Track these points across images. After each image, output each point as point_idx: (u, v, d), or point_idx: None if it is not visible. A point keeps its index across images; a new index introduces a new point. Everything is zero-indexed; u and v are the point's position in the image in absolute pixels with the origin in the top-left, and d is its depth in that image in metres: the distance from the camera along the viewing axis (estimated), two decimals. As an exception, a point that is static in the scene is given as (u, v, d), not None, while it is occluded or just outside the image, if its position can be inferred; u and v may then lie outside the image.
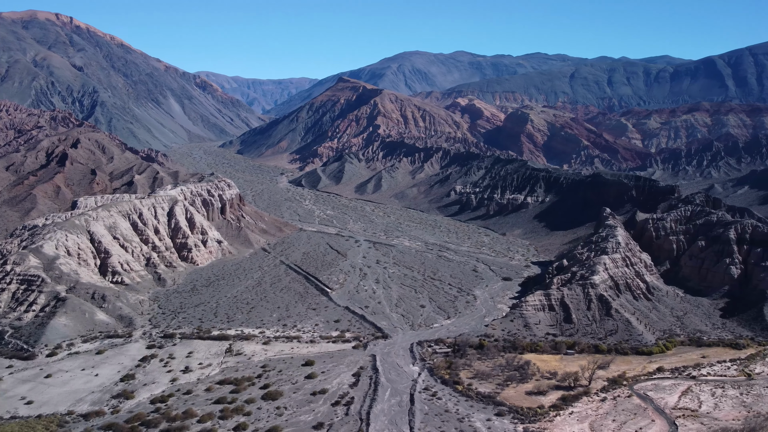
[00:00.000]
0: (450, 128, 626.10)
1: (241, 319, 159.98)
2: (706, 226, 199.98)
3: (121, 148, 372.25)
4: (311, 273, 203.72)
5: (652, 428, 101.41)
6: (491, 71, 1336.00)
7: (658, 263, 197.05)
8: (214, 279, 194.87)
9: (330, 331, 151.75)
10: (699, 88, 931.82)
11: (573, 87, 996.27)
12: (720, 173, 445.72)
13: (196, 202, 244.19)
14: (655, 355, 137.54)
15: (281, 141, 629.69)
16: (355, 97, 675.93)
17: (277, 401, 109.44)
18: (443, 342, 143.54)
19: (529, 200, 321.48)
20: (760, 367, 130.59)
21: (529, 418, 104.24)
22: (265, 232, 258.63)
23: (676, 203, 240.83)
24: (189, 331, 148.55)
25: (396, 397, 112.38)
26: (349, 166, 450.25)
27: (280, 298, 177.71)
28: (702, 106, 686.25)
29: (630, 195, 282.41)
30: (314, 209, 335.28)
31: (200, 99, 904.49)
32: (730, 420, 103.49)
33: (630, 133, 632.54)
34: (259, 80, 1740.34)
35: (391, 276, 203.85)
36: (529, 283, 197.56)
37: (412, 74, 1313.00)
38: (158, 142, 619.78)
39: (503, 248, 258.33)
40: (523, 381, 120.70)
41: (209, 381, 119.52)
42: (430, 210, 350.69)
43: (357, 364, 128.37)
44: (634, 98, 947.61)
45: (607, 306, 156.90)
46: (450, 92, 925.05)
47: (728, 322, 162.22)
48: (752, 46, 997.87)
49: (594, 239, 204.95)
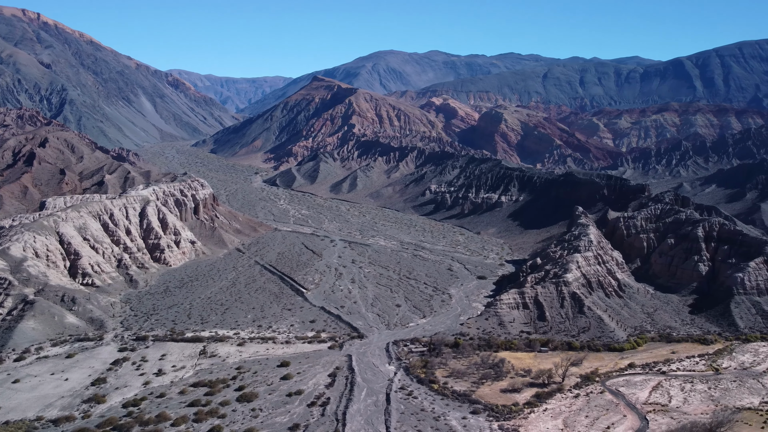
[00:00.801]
0: (425, 127, 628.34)
1: (215, 320, 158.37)
2: (675, 225, 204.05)
3: (91, 147, 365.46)
4: (286, 273, 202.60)
5: (624, 423, 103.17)
6: (465, 71, 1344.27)
7: (629, 261, 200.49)
8: (187, 280, 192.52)
9: (305, 332, 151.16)
10: (668, 89, 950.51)
11: (546, 87, 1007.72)
12: (688, 172, 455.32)
13: (169, 202, 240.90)
14: (627, 352, 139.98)
15: (255, 140, 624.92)
16: (330, 96, 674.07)
17: (253, 403, 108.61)
18: (419, 341, 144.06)
19: (503, 199, 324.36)
20: (727, 362, 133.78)
21: (504, 416, 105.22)
22: (239, 232, 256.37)
23: (646, 202, 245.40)
24: (162, 333, 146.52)
25: (372, 397, 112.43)
26: (324, 166, 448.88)
27: (254, 299, 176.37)
28: (671, 107, 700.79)
29: (602, 194, 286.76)
30: (289, 209, 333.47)
31: (172, 97, 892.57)
32: (699, 414, 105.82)
33: (601, 132, 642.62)
34: (232, 79, 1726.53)
35: (366, 275, 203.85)
36: (504, 282, 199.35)
37: (387, 73, 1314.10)
38: (129, 142, 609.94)
39: (478, 247, 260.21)
40: (497, 379, 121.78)
41: (183, 383, 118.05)
42: (405, 209, 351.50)
43: (333, 365, 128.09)
44: (606, 98, 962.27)
45: (579, 303, 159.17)
46: (425, 92, 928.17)
47: (697, 318, 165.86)
48: (718, 47, 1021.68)
49: (567, 238, 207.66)
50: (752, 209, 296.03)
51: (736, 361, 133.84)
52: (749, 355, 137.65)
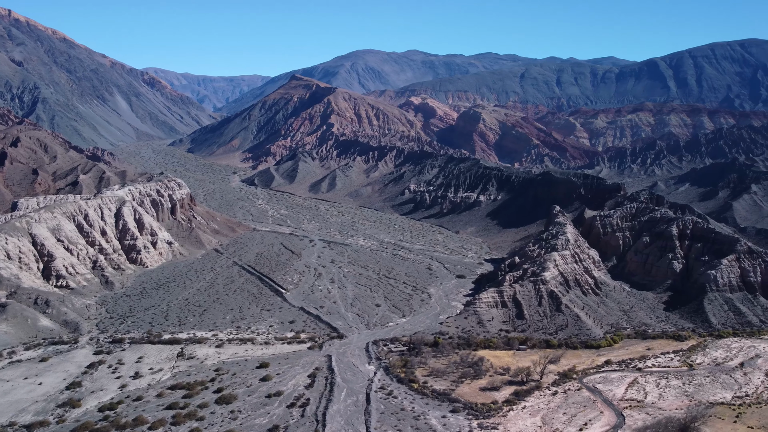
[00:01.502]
0: (404, 127, 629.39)
1: (193, 321, 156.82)
2: (650, 223, 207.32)
3: (65, 146, 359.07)
4: (265, 273, 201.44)
5: (601, 420, 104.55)
6: (444, 70, 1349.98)
7: (606, 259, 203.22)
8: (164, 281, 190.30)
9: (285, 332, 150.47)
10: (643, 89, 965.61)
11: (523, 87, 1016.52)
12: (663, 171, 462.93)
13: (145, 203, 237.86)
14: (603, 349, 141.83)
15: (233, 139, 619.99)
16: (309, 95, 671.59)
17: (231, 405, 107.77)
18: (399, 340, 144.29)
19: (482, 198, 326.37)
20: (701, 357, 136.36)
21: (484, 414, 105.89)
22: (217, 233, 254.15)
23: (622, 201, 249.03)
24: (139, 336, 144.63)
25: (352, 397, 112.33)
26: (303, 165, 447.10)
27: (233, 300, 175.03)
28: (645, 106, 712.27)
29: (578, 193, 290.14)
30: (268, 209, 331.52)
31: (148, 96, 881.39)
32: (674, 409, 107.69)
33: (578, 132, 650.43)
34: (209, 77, 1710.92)
35: (346, 275, 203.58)
36: (483, 281, 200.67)
37: (366, 73, 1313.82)
38: (104, 141, 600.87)
39: (457, 246, 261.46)
40: (477, 377, 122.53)
41: (160, 386, 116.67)
42: (384, 208, 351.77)
43: (312, 365, 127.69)
44: (582, 98, 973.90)
45: (557, 302, 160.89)
46: (403, 91, 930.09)
47: (671, 314, 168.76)
48: (692, 48, 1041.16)
49: (544, 236, 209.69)
50: (724, 207, 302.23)
51: (709, 357, 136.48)
52: (722, 351, 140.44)
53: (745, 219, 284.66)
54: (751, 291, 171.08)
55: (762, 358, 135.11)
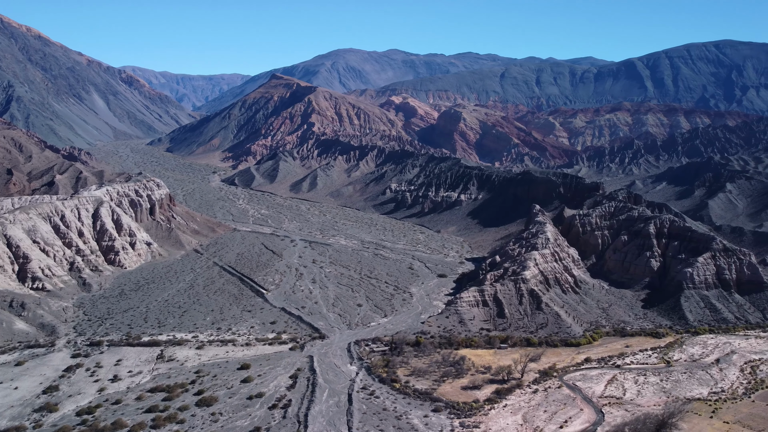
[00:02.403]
0: (385, 126, 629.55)
1: (172, 323, 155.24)
2: (628, 221, 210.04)
3: (41, 146, 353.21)
4: (246, 274, 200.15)
5: (581, 417, 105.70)
6: (424, 70, 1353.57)
7: (585, 257, 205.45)
8: (143, 282, 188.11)
9: (266, 333, 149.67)
10: (621, 89, 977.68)
11: (503, 86, 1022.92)
12: (640, 170, 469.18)
13: (123, 203, 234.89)
14: (583, 347, 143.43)
15: (213, 138, 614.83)
16: (289, 94, 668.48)
17: (212, 407, 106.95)
18: (380, 340, 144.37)
19: (463, 198, 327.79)
20: (678, 354, 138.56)
21: (465, 413, 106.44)
22: (197, 233, 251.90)
23: (600, 199, 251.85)
24: (117, 338, 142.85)
25: (334, 398, 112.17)
26: (284, 165, 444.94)
27: (213, 301, 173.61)
28: (623, 106, 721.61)
29: (558, 192, 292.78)
30: (248, 208, 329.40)
31: (126, 95, 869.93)
32: (652, 406, 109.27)
33: (557, 131, 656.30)
34: (188, 76, 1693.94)
35: (327, 275, 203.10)
36: (464, 280, 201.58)
37: (347, 72, 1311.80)
38: (81, 140, 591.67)
39: (438, 245, 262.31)
40: (458, 376, 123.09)
41: (140, 389, 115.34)
42: (365, 208, 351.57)
43: (294, 366, 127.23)
44: (561, 98, 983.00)
45: (537, 300, 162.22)
46: (384, 90, 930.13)
47: (649, 312, 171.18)
48: (668, 49, 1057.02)
49: (525, 235, 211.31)
50: (700, 206, 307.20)
51: (686, 354, 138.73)
52: (698, 348, 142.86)
53: (720, 217, 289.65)
54: (727, 288, 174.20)
55: (737, 354, 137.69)
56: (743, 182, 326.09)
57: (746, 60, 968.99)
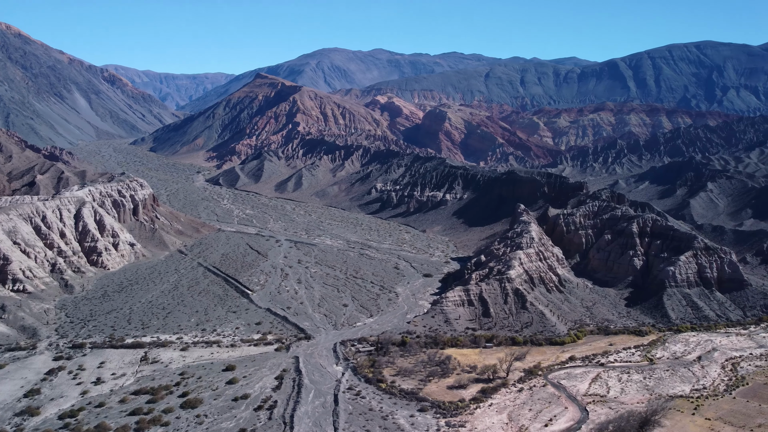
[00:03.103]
0: (370, 126, 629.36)
1: (156, 325, 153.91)
2: (611, 221, 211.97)
3: (21, 145, 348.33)
4: (231, 275, 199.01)
5: (566, 415, 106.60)
6: (409, 69, 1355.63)
7: (569, 256, 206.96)
8: (127, 284, 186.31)
9: (251, 334, 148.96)
10: (604, 89, 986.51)
11: (488, 86, 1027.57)
12: (623, 169, 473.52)
13: (106, 204, 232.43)
14: (567, 345, 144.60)
15: (197, 138, 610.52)
16: (274, 93, 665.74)
17: (197, 409, 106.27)
18: (366, 340, 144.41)
19: (448, 197, 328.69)
20: (661, 352, 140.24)
21: (451, 412, 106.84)
22: (181, 234, 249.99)
23: (584, 199, 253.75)
24: (100, 340, 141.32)
25: (320, 399, 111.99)
26: (269, 164, 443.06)
27: (198, 302, 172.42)
28: (606, 106, 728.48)
29: (542, 191, 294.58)
30: (233, 209, 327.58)
31: (108, 94, 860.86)
32: (635, 403, 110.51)
33: (541, 131, 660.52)
34: (172, 75, 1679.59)
35: (313, 275, 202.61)
36: (449, 279, 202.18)
37: (332, 71, 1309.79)
38: (63, 140, 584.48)
39: (423, 245, 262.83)
40: (444, 376, 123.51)
41: (123, 392, 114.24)
42: (351, 208, 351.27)
43: (280, 367, 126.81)
44: (545, 98, 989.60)
45: (522, 299, 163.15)
46: (369, 90, 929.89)
47: (632, 310, 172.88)
48: (650, 50, 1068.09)
49: (509, 235, 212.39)
50: (682, 205, 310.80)
51: (668, 351, 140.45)
52: (680, 345, 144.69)
53: (701, 216, 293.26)
54: (708, 286, 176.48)
55: (718, 352, 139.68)
56: (724, 181, 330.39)
57: (726, 61, 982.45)
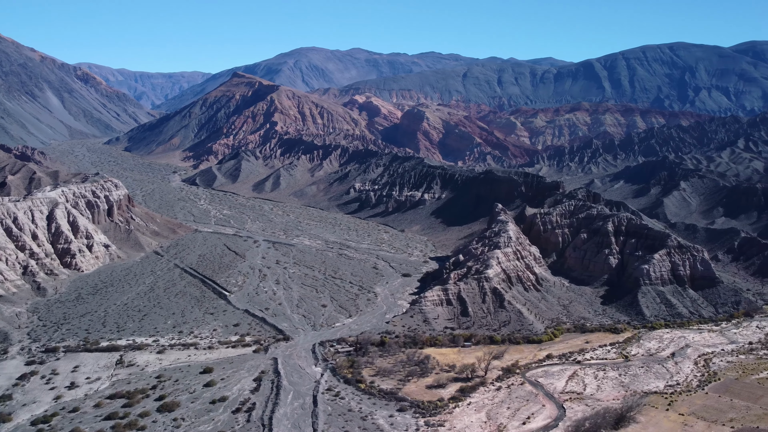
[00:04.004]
0: (348, 125, 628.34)
1: (132, 327, 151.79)
2: (587, 220, 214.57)
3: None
4: (208, 276, 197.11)
5: (543, 413, 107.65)
6: (388, 69, 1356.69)
7: (546, 255, 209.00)
8: (101, 286, 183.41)
9: (229, 336, 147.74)
10: (579, 89, 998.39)
11: (466, 86, 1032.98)
12: (599, 169, 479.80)
13: (80, 204, 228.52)
14: (545, 343, 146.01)
15: (173, 138, 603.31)
16: (251, 92, 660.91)
17: (174, 412, 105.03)
18: (345, 341, 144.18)
19: (426, 197, 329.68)
20: (636, 349, 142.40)
21: (430, 412, 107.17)
22: (157, 235, 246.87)
23: (561, 198, 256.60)
24: (74, 344, 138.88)
25: (299, 400, 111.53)
26: (246, 164, 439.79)
27: (174, 304, 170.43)
28: (582, 106, 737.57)
29: (520, 191, 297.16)
30: (210, 209, 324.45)
31: (82, 92, 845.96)
32: (611, 400, 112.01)
33: (519, 131, 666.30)
34: (147, 73, 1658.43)
35: (291, 276, 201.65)
36: (428, 279, 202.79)
37: (309, 70, 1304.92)
38: (34, 139, 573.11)
39: (402, 245, 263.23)
40: (423, 375, 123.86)
41: (98, 396, 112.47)
42: (329, 208, 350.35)
43: (258, 369, 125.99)
44: (522, 98, 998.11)
45: (500, 298, 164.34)
46: (347, 89, 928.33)
47: (608, 308, 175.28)
48: (624, 50, 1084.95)
49: (487, 234, 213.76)
50: (656, 204, 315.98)
51: (643, 348, 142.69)
52: (655, 342, 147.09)
53: (675, 215, 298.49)
54: (681, 284, 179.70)
55: (691, 348, 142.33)
56: (696, 181, 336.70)
57: (698, 62, 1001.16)
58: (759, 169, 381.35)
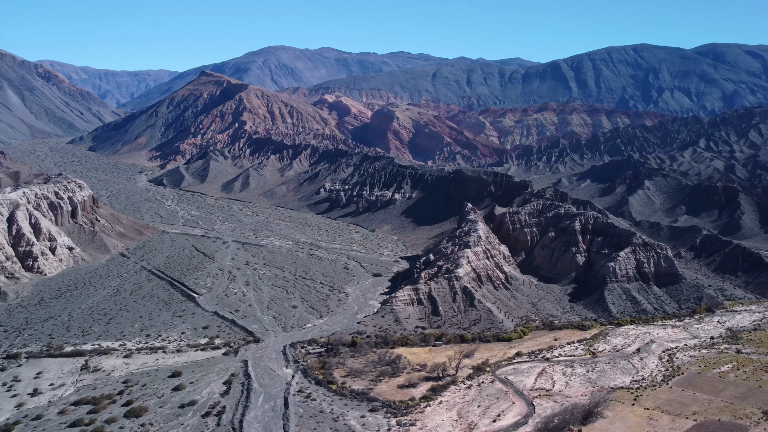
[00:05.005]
0: (318, 125, 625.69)
1: (98, 331, 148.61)
2: (555, 218, 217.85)
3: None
4: (176, 278, 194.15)
5: (513, 410, 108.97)
6: (357, 68, 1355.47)
7: (515, 254, 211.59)
8: (65, 289, 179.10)
9: (198, 339, 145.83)
10: (547, 89, 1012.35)
11: (435, 86, 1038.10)
12: (566, 168, 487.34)
13: (42, 206, 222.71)
14: (514, 341, 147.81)
15: (139, 137, 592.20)
16: (219, 91, 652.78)
17: (142, 418, 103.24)
18: (316, 342, 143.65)
19: (397, 196, 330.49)
20: (602, 345, 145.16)
21: (402, 411, 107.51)
22: (123, 236, 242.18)
23: (529, 197, 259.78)
24: (37, 349, 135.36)
25: (270, 402, 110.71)
26: (215, 164, 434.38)
27: (142, 307, 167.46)
28: (550, 106, 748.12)
29: (489, 190, 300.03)
30: (178, 210, 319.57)
31: (44, 90, 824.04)
32: (579, 396, 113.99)
33: (488, 130, 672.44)
34: (112, 71, 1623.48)
35: (261, 277, 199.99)
36: (399, 279, 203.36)
37: (278, 69, 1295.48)
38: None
39: (373, 244, 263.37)
40: (395, 375, 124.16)
41: (63, 403, 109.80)
42: (300, 208, 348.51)
43: (228, 372, 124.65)
44: (491, 97, 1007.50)
45: (470, 297, 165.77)
46: (317, 88, 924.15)
47: (576, 305, 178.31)
48: (590, 51, 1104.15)
49: (458, 233, 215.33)
50: (621, 202, 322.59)
51: (609, 344, 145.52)
52: (621, 338, 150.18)
53: (639, 213, 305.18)
54: (646, 281, 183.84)
55: (656, 344, 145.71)
56: (660, 179, 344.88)
57: (662, 63, 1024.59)
58: (719, 168, 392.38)
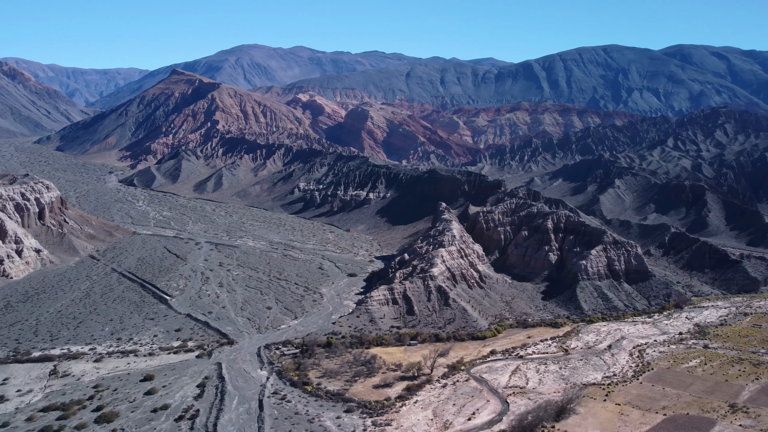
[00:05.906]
0: (292, 124, 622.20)
1: (67, 336, 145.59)
2: (528, 217, 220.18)
3: None
4: (148, 280, 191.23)
5: (488, 408, 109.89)
6: (331, 68, 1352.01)
7: (489, 253, 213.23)
8: (32, 293, 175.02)
9: (171, 342, 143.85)
10: (519, 89, 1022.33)
11: (409, 85, 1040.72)
12: (539, 167, 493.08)
13: (8, 208, 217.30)
14: (489, 339, 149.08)
15: (109, 137, 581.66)
16: (191, 90, 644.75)
17: (113, 423, 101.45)
18: (291, 343, 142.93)
19: (371, 196, 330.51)
20: (575, 342, 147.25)
21: (377, 411, 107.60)
22: (92, 238, 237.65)
23: (502, 197, 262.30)
24: (3, 355, 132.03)
25: (244, 405, 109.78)
26: (187, 164, 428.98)
27: (112, 310, 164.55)
28: (522, 106, 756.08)
29: (463, 189, 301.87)
30: (149, 210, 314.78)
31: (8, 89, 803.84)
32: (552, 393, 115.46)
33: (461, 130, 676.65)
34: (80, 69, 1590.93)
35: (235, 278, 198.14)
36: (374, 278, 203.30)
37: (251, 68, 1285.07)
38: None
39: (348, 244, 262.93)
40: (370, 375, 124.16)
41: (30, 409, 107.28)
42: (273, 208, 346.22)
43: (201, 374, 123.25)
44: (465, 97, 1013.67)
45: (445, 296, 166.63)
46: (291, 88, 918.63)
47: (548, 303, 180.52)
48: (562, 52, 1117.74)
49: (432, 233, 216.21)
50: (592, 201, 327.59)
51: (582, 342, 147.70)
52: (593, 335, 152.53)
53: (610, 211, 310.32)
54: (617, 278, 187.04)
55: (626, 340, 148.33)
56: (630, 178, 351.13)
57: (631, 64, 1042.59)
58: (687, 167, 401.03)
